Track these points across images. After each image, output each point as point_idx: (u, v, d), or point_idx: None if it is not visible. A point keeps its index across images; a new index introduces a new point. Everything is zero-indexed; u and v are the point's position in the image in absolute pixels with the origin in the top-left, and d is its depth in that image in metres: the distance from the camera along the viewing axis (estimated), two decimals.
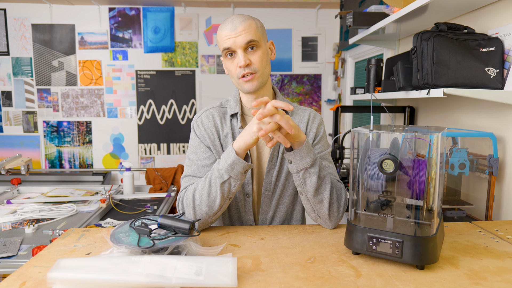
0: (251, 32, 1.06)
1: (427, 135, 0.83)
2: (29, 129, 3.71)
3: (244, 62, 1.05)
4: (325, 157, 1.16)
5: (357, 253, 0.88)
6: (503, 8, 1.36)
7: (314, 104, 3.83)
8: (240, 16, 1.08)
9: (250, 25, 1.06)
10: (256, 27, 1.08)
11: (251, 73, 1.07)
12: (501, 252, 0.90)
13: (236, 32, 1.05)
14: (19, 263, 1.42)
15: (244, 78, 1.08)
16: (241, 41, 1.05)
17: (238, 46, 1.05)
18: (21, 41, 3.58)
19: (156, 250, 0.82)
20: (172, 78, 3.70)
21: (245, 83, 1.09)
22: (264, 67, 1.10)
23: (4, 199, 2.24)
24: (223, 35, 1.07)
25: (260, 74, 1.09)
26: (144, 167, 3.60)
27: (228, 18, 1.09)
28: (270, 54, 1.15)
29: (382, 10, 1.97)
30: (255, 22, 1.09)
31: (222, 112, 1.19)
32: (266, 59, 1.10)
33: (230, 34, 1.05)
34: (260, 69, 1.08)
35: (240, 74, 1.07)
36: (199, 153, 1.14)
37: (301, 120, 1.18)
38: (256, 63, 1.07)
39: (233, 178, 1.00)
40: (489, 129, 1.43)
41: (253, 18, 1.09)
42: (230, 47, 1.06)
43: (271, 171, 1.15)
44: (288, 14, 3.69)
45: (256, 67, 1.07)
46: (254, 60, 1.07)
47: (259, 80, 1.09)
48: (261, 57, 1.08)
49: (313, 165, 1.00)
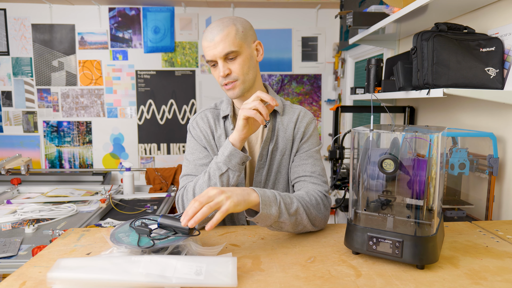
0: (229, 42, 1.05)
1: (427, 135, 0.83)
2: (29, 129, 3.71)
3: (223, 73, 1.07)
4: (312, 155, 1.16)
5: (357, 252, 0.88)
6: (503, 8, 1.36)
7: (314, 104, 3.83)
8: (219, 24, 1.07)
9: (228, 34, 1.05)
10: (235, 33, 1.06)
11: (231, 82, 1.09)
12: (501, 252, 0.90)
13: (214, 43, 1.05)
14: (19, 263, 1.43)
15: (226, 86, 1.10)
16: (219, 52, 1.06)
17: (217, 57, 1.07)
18: (21, 41, 3.58)
19: (156, 250, 0.82)
20: (172, 78, 3.70)
21: (227, 90, 1.12)
22: (246, 73, 1.10)
23: (4, 199, 2.24)
24: (204, 46, 1.08)
25: (241, 81, 1.10)
26: (144, 167, 3.60)
27: (209, 27, 1.09)
28: (257, 56, 1.15)
29: (382, 10, 1.97)
30: (235, 27, 1.07)
31: (216, 113, 1.22)
32: (248, 64, 1.10)
33: (209, 45, 1.06)
34: (241, 76, 1.09)
35: (222, 83, 1.10)
36: (196, 153, 1.17)
37: (290, 119, 1.19)
38: (237, 71, 1.08)
39: (231, 169, 1.01)
40: (489, 129, 1.43)
41: (234, 23, 1.08)
42: (211, 59, 1.08)
43: (261, 170, 1.17)
44: (288, 14, 3.69)
45: (236, 75, 1.09)
46: (234, 68, 1.08)
47: (240, 87, 1.11)
48: (241, 64, 1.08)
49: (279, 214, 0.93)
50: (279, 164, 1.17)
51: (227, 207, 0.84)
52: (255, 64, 1.14)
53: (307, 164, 1.14)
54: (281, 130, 1.18)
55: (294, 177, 1.15)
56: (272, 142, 1.16)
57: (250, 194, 0.90)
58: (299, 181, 1.14)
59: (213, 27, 1.07)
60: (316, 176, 1.12)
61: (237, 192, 0.88)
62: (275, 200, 0.93)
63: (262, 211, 0.90)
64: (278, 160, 1.17)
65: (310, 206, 1.01)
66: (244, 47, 1.09)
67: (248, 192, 0.90)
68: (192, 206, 0.83)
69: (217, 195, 0.85)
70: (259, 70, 1.18)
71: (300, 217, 0.97)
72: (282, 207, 0.94)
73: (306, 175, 1.13)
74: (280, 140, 1.17)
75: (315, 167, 1.14)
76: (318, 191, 1.08)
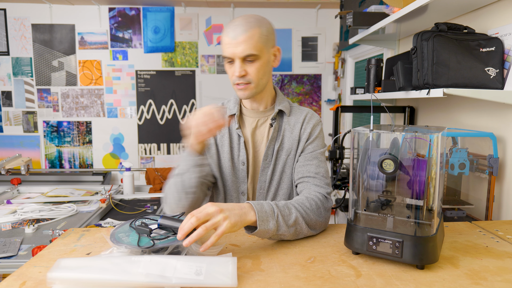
0: (251, 45, 1.04)
1: (427, 135, 0.83)
2: (29, 129, 3.71)
3: (239, 74, 1.07)
4: (316, 156, 1.17)
5: (357, 253, 0.88)
6: (503, 8, 1.36)
7: (314, 104, 3.83)
8: (245, 23, 1.05)
9: (252, 36, 1.04)
10: (259, 37, 1.05)
11: (244, 83, 1.09)
12: (501, 252, 0.90)
13: (237, 41, 1.04)
14: (19, 263, 1.43)
15: (238, 86, 1.10)
16: (239, 52, 1.04)
17: (236, 56, 1.06)
18: (21, 41, 3.58)
19: (156, 250, 0.82)
20: (172, 78, 3.70)
21: (238, 90, 1.11)
22: (261, 78, 1.10)
23: (4, 199, 2.24)
24: (225, 41, 1.07)
25: (255, 85, 1.10)
26: (144, 167, 3.60)
27: (233, 22, 1.07)
28: (273, 61, 1.14)
29: (382, 10, 1.97)
30: (260, 30, 1.06)
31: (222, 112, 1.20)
32: (264, 70, 1.10)
33: (231, 43, 1.05)
34: (255, 80, 1.09)
35: (235, 82, 1.10)
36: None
37: (297, 120, 1.20)
38: (252, 74, 1.08)
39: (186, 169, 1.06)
40: (489, 129, 1.43)
41: (259, 25, 1.06)
42: (229, 56, 1.07)
43: (266, 169, 1.17)
44: (288, 14, 3.69)
45: (251, 78, 1.09)
46: (251, 71, 1.08)
47: (252, 91, 1.11)
48: (258, 69, 1.08)
49: (277, 228, 0.92)
50: (284, 164, 1.17)
51: (223, 229, 0.82)
52: (270, 69, 1.14)
53: (311, 165, 1.14)
54: (288, 130, 1.19)
55: (297, 177, 1.15)
56: (278, 142, 1.17)
57: (247, 214, 0.88)
58: (302, 181, 1.13)
59: (238, 25, 1.05)
60: (319, 178, 1.12)
61: (235, 212, 0.86)
62: (272, 214, 0.91)
63: (259, 228, 0.89)
64: (284, 159, 1.17)
65: (310, 212, 1.00)
66: (264, 52, 1.08)
67: (245, 212, 0.88)
68: (189, 221, 0.80)
69: (215, 214, 0.83)
70: (271, 75, 1.18)
71: (299, 227, 0.96)
72: (280, 220, 0.92)
73: (310, 176, 1.13)
74: (286, 140, 1.18)
75: (319, 169, 1.14)
76: (319, 193, 1.07)
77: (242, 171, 1.18)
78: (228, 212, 0.85)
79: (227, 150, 1.18)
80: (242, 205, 0.90)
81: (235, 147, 1.19)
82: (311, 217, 0.99)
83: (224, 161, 1.18)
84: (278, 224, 0.92)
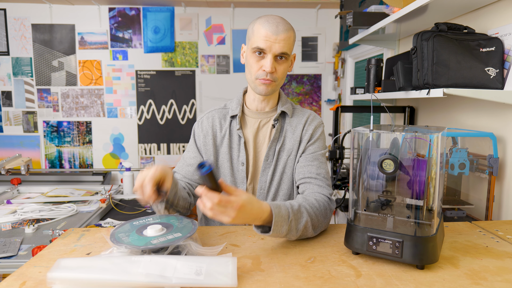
0: (289, 45, 1.08)
1: (427, 135, 0.83)
2: (29, 129, 3.71)
3: (271, 69, 1.08)
4: (317, 157, 1.17)
5: (357, 253, 0.88)
6: (503, 8, 1.36)
7: (314, 104, 3.83)
8: (284, 22, 1.09)
9: (290, 36, 1.08)
10: (293, 40, 1.11)
11: (271, 80, 1.11)
12: (501, 252, 0.90)
13: (277, 37, 1.06)
14: (19, 263, 1.42)
15: (263, 81, 1.11)
16: (277, 49, 1.07)
17: (273, 51, 1.07)
18: (21, 41, 3.58)
19: (156, 250, 0.82)
20: (172, 78, 3.70)
21: (261, 84, 1.11)
22: (283, 78, 1.14)
23: (4, 199, 2.24)
24: (262, 33, 1.06)
25: (278, 84, 1.13)
26: (144, 167, 3.60)
27: (273, 18, 1.09)
28: (290, 66, 1.18)
29: (382, 10, 1.97)
30: (294, 35, 1.12)
31: (223, 113, 1.23)
32: (286, 71, 1.15)
33: (270, 37, 1.06)
34: (280, 79, 1.13)
35: (261, 77, 1.10)
36: (190, 152, 1.22)
37: (299, 121, 1.21)
38: (279, 73, 1.11)
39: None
40: (489, 129, 1.43)
41: (293, 30, 1.11)
42: (265, 49, 1.07)
43: (267, 170, 1.18)
44: (288, 14, 3.69)
45: (277, 77, 1.11)
46: (279, 70, 1.11)
47: (274, 88, 1.14)
48: (285, 69, 1.12)
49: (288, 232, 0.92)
50: (285, 164, 1.18)
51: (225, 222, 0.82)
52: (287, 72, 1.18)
53: (313, 166, 1.15)
54: (290, 131, 1.19)
55: (299, 177, 1.15)
56: (279, 142, 1.18)
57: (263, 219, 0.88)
58: (304, 182, 1.14)
59: (279, 22, 1.07)
60: (321, 179, 1.13)
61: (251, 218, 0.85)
62: (287, 220, 0.90)
63: (272, 233, 0.88)
64: (284, 160, 1.18)
65: (318, 214, 0.99)
66: (290, 55, 1.13)
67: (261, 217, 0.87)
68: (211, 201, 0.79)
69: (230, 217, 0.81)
70: None
71: (305, 231, 0.96)
72: (292, 225, 0.92)
73: (312, 177, 1.13)
74: (288, 141, 1.18)
75: (320, 170, 1.15)
76: (324, 195, 1.08)
77: (241, 172, 1.18)
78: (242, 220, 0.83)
79: (226, 151, 1.18)
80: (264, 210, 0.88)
81: (235, 148, 1.19)
82: (318, 219, 1.00)
83: (223, 161, 1.18)
84: (289, 229, 0.92)
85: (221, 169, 1.18)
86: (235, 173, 1.18)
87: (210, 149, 1.19)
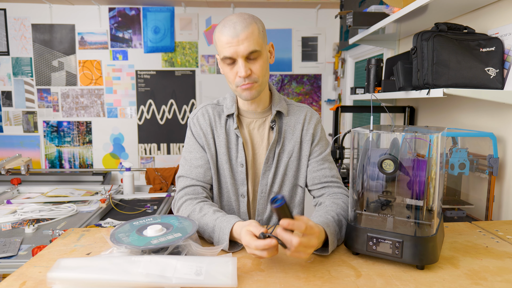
0: (254, 41, 1.00)
1: (427, 135, 0.83)
2: (29, 129, 3.71)
3: (245, 73, 1.01)
4: (327, 158, 1.17)
5: (357, 253, 0.88)
6: (503, 8, 1.36)
7: (314, 104, 3.83)
8: (242, 19, 1.01)
9: (252, 32, 1.00)
10: (258, 32, 1.01)
11: (250, 83, 1.04)
12: (501, 252, 0.90)
13: (238, 40, 0.98)
14: (19, 263, 1.42)
15: (243, 87, 1.04)
16: (243, 51, 0.99)
17: (240, 55, 1.00)
18: (21, 41, 3.58)
19: (156, 250, 0.82)
20: (172, 78, 3.70)
21: (243, 90, 1.06)
22: (264, 75, 1.06)
23: (4, 199, 2.24)
24: (223, 41, 1.00)
25: (260, 83, 1.06)
26: (144, 167, 3.60)
27: (228, 20, 1.01)
28: (270, 58, 1.11)
29: (382, 10, 1.97)
30: (257, 26, 1.02)
31: (217, 110, 1.18)
32: (266, 67, 1.06)
33: (231, 42, 0.99)
34: (260, 78, 1.05)
35: (239, 84, 1.04)
36: (193, 152, 1.14)
37: (297, 120, 1.17)
38: (257, 72, 1.03)
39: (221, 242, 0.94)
40: (489, 129, 1.43)
41: (255, 21, 1.03)
42: (231, 56, 1.01)
43: (267, 172, 1.15)
44: (288, 14, 3.69)
45: (256, 77, 1.04)
46: (255, 69, 1.03)
47: (257, 89, 1.07)
48: (262, 66, 1.04)
49: (337, 241, 0.93)
50: (286, 166, 1.15)
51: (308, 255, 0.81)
52: (268, 66, 1.10)
53: (325, 169, 1.16)
54: (289, 132, 1.16)
55: (314, 182, 1.15)
56: (279, 145, 1.15)
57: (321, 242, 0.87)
58: (323, 186, 1.15)
59: (236, 22, 1.00)
60: (336, 180, 1.15)
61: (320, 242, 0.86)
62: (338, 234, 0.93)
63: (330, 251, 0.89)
64: (285, 162, 1.15)
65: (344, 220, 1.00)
66: (263, 48, 1.04)
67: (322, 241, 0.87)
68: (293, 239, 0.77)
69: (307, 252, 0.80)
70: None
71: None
72: (339, 236, 0.94)
73: (328, 181, 1.15)
74: (287, 142, 1.16)
75: (332, 171, 1.16)
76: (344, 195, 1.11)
77: (241, 173, 1.14)
78: (318, 246, 0.84)
79: (224, 151, 1.13)
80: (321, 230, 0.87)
81: (233, 148, 1.14)
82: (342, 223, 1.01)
83: (222, 162, 1.14)
84: (338, 240, 0.93)
85: (220, 170, 1.14)
86: (235, 174, 1.14)
87: (212, 148, 1.14)
